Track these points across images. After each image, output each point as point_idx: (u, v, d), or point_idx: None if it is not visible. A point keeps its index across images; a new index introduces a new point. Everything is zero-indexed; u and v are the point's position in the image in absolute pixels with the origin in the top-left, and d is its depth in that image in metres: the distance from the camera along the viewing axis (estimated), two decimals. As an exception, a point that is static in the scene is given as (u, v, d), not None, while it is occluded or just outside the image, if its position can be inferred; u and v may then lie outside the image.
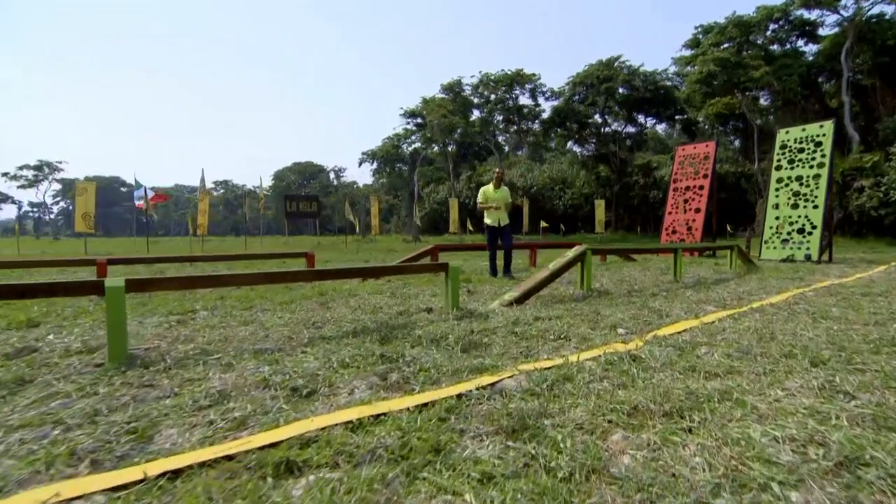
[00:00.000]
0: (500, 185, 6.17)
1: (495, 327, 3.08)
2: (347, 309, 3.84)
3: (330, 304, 4.15)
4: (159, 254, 11.43)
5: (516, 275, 6.52)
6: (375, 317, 3.46)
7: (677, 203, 12.20)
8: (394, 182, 57.21)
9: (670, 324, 3.19)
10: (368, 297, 4.53)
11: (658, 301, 4.18)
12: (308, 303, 4.17)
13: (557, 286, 5.23)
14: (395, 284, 5.54)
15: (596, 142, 34.80)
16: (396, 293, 4.76)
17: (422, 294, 4.77)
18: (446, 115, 29.48)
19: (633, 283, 5.65)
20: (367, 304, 4.03)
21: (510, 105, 31.88)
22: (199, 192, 15.87)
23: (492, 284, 5.51)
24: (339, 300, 4.33)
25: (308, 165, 78.80)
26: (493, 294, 4.77)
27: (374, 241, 24.57)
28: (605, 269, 7.57)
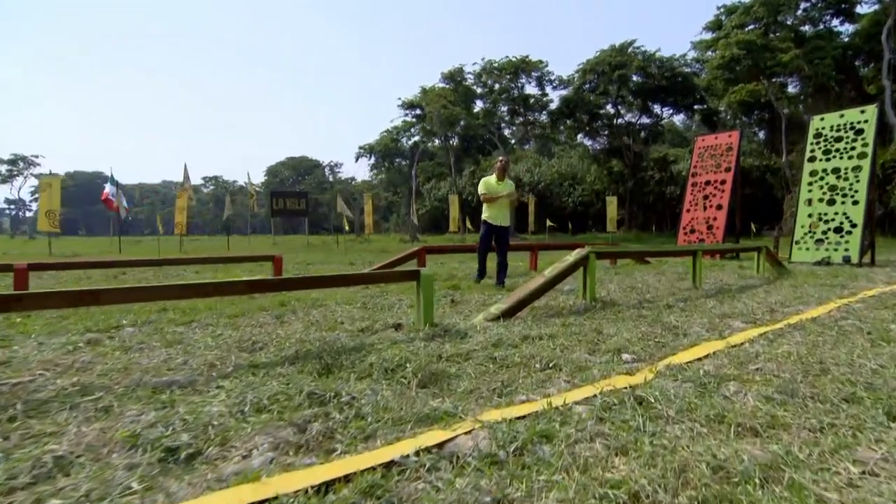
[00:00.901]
0: (503, 177, 5.72)
1: (471, 350, 2.63)
2: (303, 324, 3.41)
3: (287, 317, 3.73)
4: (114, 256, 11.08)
5: (511, 282, 6.07)
6: (331, 335, 3.03)
7: (696, 199, 11.69)
8: (393, 178, 56.92)
9: (688, 347, 2.73)
10: (335, 308, 4.10)
11: (674, 314, 3.72)
12: (261, 316, 3.74)
13: (556, 295, 4.77)
14: (372, 292, 5.11)
15: (608, 134, 34.25)
16: (369, 304, 4.34)
17: (399, 305, 4.35)
18: (447, 106, 29.05)
19: (645, 291, 5.18)
20: (328, 319, 3.60)
21: (515, 95, 31.39)
22: (179, 189, 15.50)
23: (481, 293, 5.07)
24: (299, 313, 3.91)
25: (303, 160, 78.71)
26: (480, 304, 4.34)
27: (368, 241, 24.19)
28: (613, 274, 7.11)
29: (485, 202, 5.69)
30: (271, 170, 78.94)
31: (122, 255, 12.38)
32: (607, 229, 23.04)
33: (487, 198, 5.62)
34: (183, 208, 14.80)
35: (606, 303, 4.26)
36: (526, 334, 3.02)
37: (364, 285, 5.68)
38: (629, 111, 33.94)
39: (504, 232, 5.68)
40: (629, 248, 5.29)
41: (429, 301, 3.23)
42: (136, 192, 61.57)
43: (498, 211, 5.62)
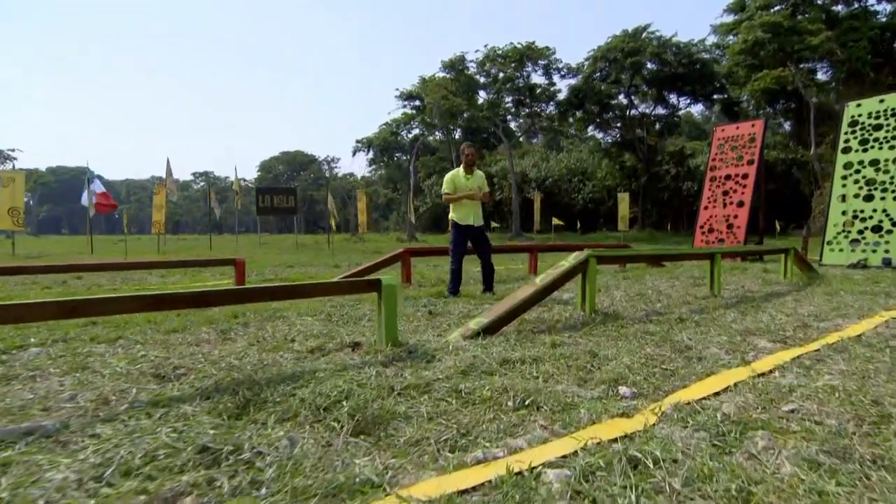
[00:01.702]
0: (472, 170, 5.29)
1: (433, 380, 2.25)
2: (247, 342, 3.04)
3: (234, 332, 3.36)
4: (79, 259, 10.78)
5: (506, 287, 5.67)
6: (271, 358, 2.65)
7: (715, 196, 11.24)
8: (392, 174, 56.62)
9: (703, 376, 2.33)
10: (295, 320, 3.74)
11: (687, 330, 3.31)
12: (204, 331, 3.38)
13: (551, 305, 4.38)
14: (342, 301, 4.74)
15: (620, 126, 33.76)
16: (335, 315, 3.97)
17: (368, 316, 3.99)
18: (447, 97, 28.66)
19: (655, 300, 4.78)
20: (278, 335, 3.23)
21: (520, 84, 30.96)
22: (157, 185, 15.20)
23: (466, 302, 4.69)
24: (250, 327, 3.54)
25: (297, 155, 78.56)
26: (462, 316, 3.96)
27: (362, 241, 23.87)
28: (621, 279, 6.70)
29: (447, 201, 5.24)
30: (265, 165, 78.85)
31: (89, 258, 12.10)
32: (618, 228, 22.58)
33: (449, 198, 5.16)
34: (161, 206, 14.49)
35: (608, 315, 3.86)
36: (506, 357, 2.63)
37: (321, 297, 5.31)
38: (643, 101, 33.43)
39: (479, 233, 5.25)
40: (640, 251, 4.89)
41: (391, 316, 2.84)
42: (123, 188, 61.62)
43: (469, 209, 5.16)
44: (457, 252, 5.21)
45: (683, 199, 30.59)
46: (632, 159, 33.72)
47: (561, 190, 36.19)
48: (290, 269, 9.18)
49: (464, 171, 5.24)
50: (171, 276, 7.13)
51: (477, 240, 5.27)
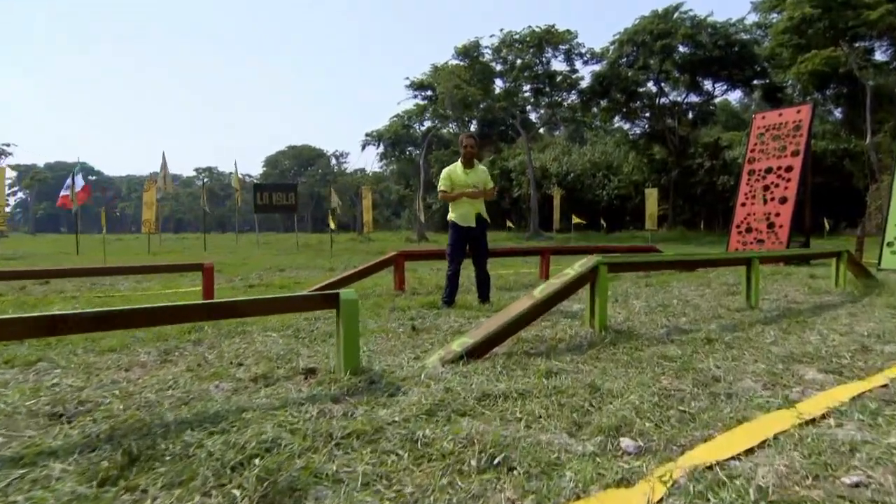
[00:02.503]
0: (472, 164, 4.92)
1: (387, 424, 1.90)
2: (185, 366, 2.74)
3: (177, 352, 3.07)
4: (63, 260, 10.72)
5: (511, 295, 5.29)
6: (201, 389, 2.33)
7: (754, 191, 10.63)
8: (404, 169, 56.54)
9: (732, 423, 1.92)
10: (255, 337, 3.44)
11: (715, 355, 2.90)
12: (145, 351, 3.09)
13: (556, 320, 3.99)
14: (318, 313, 4.42)
15: (649, 116, 32.92)
16: (303, 331, 3.66)
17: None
18: (460, 86, 28.29)
19: (679, 313, 4.35)
20: (226, 357, 2.92)
21: (540, 72, 30.37)
22: (147, 181, 15.19)
23: (459, 315, 4.33)
24: (201, 345, 3.25)
25: (304, 149, 79.13)
26: (451, 332, 3.61)
27: (368, 241, 23.67)
28: (643, 286, 6.25)
29: (444, 199, 4.89)
30: (270, 160, 79.61)
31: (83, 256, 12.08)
32: (646, 226, 21.90)
33: (447, 196, 4.80)
34: (152, 203, 14.46)
35: (621, 333, 3.46)
36: (486, 390, 2.26)
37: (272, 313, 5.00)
38: (674, 89, 32.50)
39: (479, 235, 4.87)
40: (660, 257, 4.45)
41: (351, 338, 2.50)
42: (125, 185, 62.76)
43: (470, 208, 4.80)
44: (455, 256, 4.85)
45: (718, 195, 29.62)
46: (661, 152, 32.84)
47: (584, 186, 35.51)
48: (281, 272, 8.95)
49: (462, 165, 4.87)
50: (148, 281, 6.94)
51: (476, 243, 4.90)
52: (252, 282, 7.15)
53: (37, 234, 44.14)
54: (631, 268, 3.92)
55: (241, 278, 7.64)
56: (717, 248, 15.17)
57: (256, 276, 7.91)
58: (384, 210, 69.03)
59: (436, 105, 33.46)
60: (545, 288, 3.29)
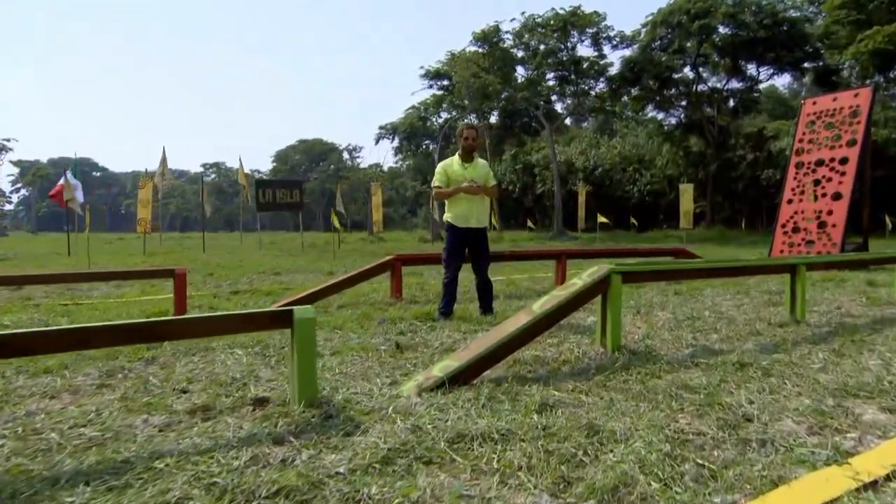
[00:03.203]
0: (471, 158, 4.65)
1: (328, 476, 1.65)
2: (121, 393, 2.54)
3: (122, 373, 2.88)
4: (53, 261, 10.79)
5: (519, 305, 4.99)
6: (122, 426, 2.12)
7: (802, 186, 10.07)
8: (421, 163, 56.50)
9: (766, 487, 1.60)
10: (217, 355, 3.24)
11: (748, 386, 2.57)
12: (85, 373, 2.90)
13: (564, 336, 3.69)
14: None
15: (685, 105, 32.06)
16: (272, 347, 3.45)
17: (329, 343, 3.45)
18: (478, 74, 27.96)
19: (709, 328, 4.00)
20: (172, 380, 2.72)
21: (564, 58, 29.84)
22: (142, 178, 15.30)
23: (454, 328, 4.07)
24: (152, 365, 3.06)
25: (316, 143, 79.77)
26: (440, 351, 3.36)
27: (379, 241, 23.56)
28: (672, 293, 5.90)
29: (439, 198, 4.63)
30: (280, 155, 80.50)
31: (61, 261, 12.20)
32: (680, 225, 21.26)
33: (441, 193, 4.55)
34: (148, 201, 14.55)
35: (637, 354, 3.14)
36: (462, 430, 1.99)
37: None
38: (713, 74, 31.56)
39: (479, 237, 4.60)
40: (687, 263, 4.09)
41: (306, 364, 2.25)
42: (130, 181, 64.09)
43: (468, 207, 4.53)
44: (451, 261, 4.58)
45: (762, 191, 28.64)
46: (699, 144, 31.95)
47: (613, 181, 34.83)
48: (276, 276, 8.81)
49: (461, 159, 4.61)
50: (130, 286, 6.85)
51: (476, 246, 4.63)
52: (239, 287, 7.00)
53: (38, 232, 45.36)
54: (650, 277, 3.59)
55: (230, 283, 7.51)
56: (759, 249, 14.55)
57: (247, 281, 7.78)
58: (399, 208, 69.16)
59: (452, 95, 33.19)
60: (547, 301, 3.00)
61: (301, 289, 6.20)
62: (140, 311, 4.67)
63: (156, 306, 4.71)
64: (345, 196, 74.23)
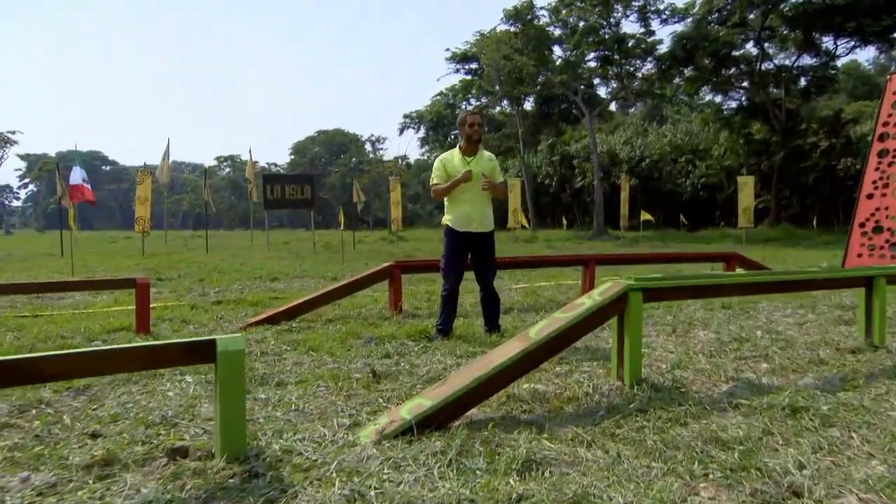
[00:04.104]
0: (475, 151, 4.35)
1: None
2: (23, 434, 2.35)
3: (37, 408, 2.70)
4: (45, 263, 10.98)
5: (530, 320, 4.66)
6: (3, 484, 1.90)
7: (886, 178, 9.33)
8: (449, 155, 56.40)
9: None
10: (160, 384, 3.04)
11: (800, 438, 2.19)
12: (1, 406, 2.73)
13: (576, 363, 3.35)
14: (275, 333, 4.00)
15: (747, 86, 30.79)
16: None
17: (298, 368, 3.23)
18: (509, 56, 27.52)
19: (759, 354, 3.60)
20: (86, 420, 2.51)
21: (607, 36, 29.06)
22: (140, 172, 15.53)
23: (450, 351, 3.78)
24: (80, 397, 2.88)
25: (336, 134, 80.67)
26: (424, 380, 3.09)
27: (399, 240, 23.44)
28: (719, 306, 5.46)
29: (436, 197, 4.36)
30: (298, 147, 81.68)
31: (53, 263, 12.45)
32: (739, 224, 20.37)
33: (439, 189, 4.26)
34: (146, 198, 14.75)
35: (662, 390, 2.79)
36: (413, 500, 1.70)
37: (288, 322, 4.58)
38: (781, 50, 30.15)
39: (483, 243, 4.32)
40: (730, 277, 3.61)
41: (232, 410, 2.00)
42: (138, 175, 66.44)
43: (470, 207, 4.24)
44: (451, 270, 4.29)
45: (838, 184, 27.20)
46: (763, 130, 30.63)
47: (662, 173, 33.82)
48: (273, 282, 8.71)
49: (463, 152, 4.32)
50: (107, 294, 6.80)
51: (480, 253, 4.33)
52: (227, 295, 6.88)
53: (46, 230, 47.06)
54: (678, 295, 3.20)
55: (219, 290, 7.41)
56: (832, 252, 13.71)
57: (238, 288, 7.67)
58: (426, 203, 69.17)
59: (481, 80, 32.85)
60: (545, 326, 2.67)
61: (294, 298, 6.02)
62: (101, 325, 4.55)
63: (118, 320, 4.59)
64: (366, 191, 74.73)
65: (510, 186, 19.92)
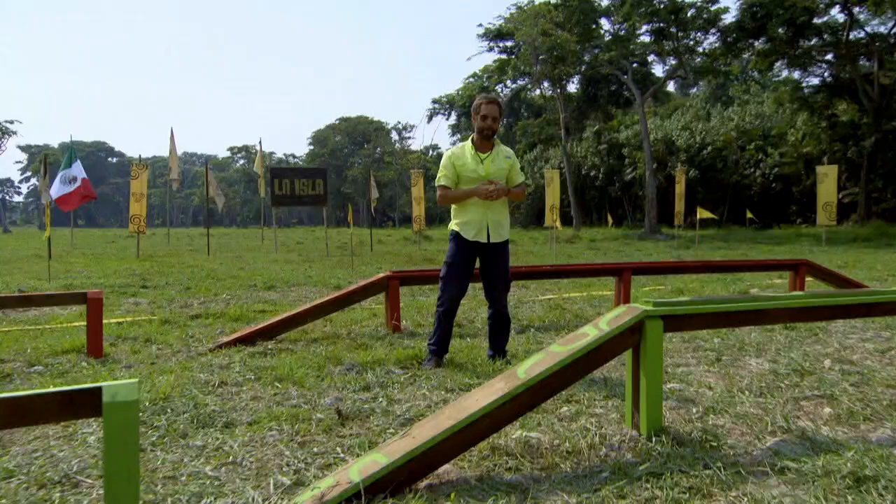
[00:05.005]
0: (490, 147, 4.09)
1: None
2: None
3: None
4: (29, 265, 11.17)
5: (554, 338, 4.37)
6: None
7: None
8: (483, 144, 56.12)
9: None
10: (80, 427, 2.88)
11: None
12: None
13: (587, 401, 3.06)
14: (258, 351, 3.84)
15: (833, 58, 29.48)
16: (172, 410, 3.06)
17: (255, 404, 3.05)
18: (549, 32, 27.07)
19: (821, 394, 3.23)
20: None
21: (661, 5, 28.25)
22: (135, 165, 15.76)
23: (440, 382, 3.53)
24: None
25: (360, 122, 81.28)
26: (396, 422, 2.87)
27: (423, 240, 23.29)
28: (780, 326, 5.03)
29: (442, 203, 4.14)
30: (318, 136, 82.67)
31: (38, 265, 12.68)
32: (818, 221, 19.47)
33: (448, 196, 4.04)
34: (142, 194, 14.96)
35: (686, 443, 2.48)
36: None
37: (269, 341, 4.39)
38: (874, 15, 28.68)
39: (496, 254, 4.07)
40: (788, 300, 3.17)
41: (124, 471, 1.79)
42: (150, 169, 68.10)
43: (482, 214, 4.00)
44: (451, 282, 4.06)
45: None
46: (849, 111, 29.28)
47: (727, 163, 32.75)
48: (268, 290, 8.64)
49: (475, 147, 4.07)
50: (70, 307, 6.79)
51: (491, 266, 4.08)
52: (210, 307, 6.80)
53: (49, 229, 48.66)
54: (709, 322, 2.86)
55: (203, 301, 7.35)
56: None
57: (226, 299, 7.60)
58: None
59: (518, 59, 32.43)
60: (540, 362, 2.40)
61: (282, 311, 5.89)
62: (52, 345, 4.47)
63: (74, 339, 4.50)
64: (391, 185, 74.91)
65: (548, 180, 19.47)
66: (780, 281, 8.78)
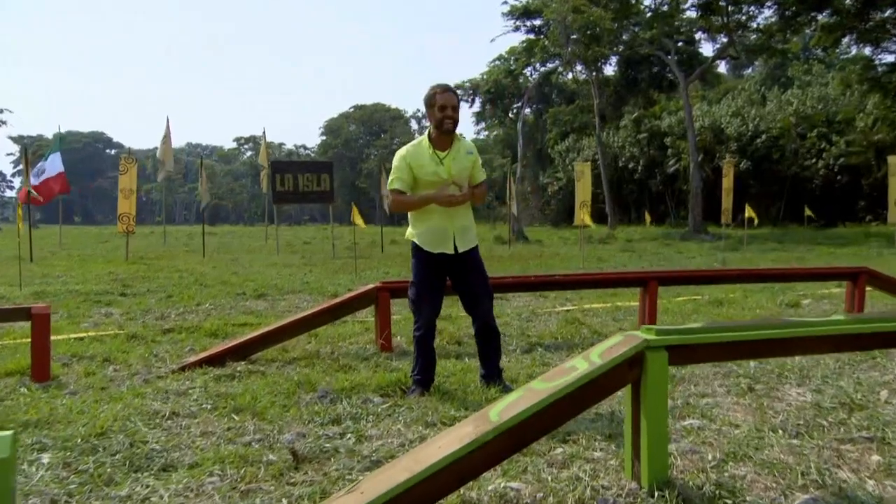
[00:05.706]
0: (449, 144, 3.90)
1: None
2: None
3: None
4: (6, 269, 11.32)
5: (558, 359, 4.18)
6: None
7: None
8: (511, 134, 55.77)
9: None
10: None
11: None
12: None
13: (584, 443, 2.86)
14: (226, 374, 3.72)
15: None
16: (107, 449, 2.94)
17: (203, 441, 2.93)
18: (581, 8, 26.69)
19: (869, 436, 2.98)
20: None
21: (710, -24, 27.71)
22: (123, 158, 15.86)
23: (420, 416, 3.37)
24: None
25: (376, 110, 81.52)
26: (362, 466, 2.72)
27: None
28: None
29: (396, 209, 4.13)
30: (331, 125, 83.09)
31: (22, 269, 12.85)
32: (890, 219, 18.84)
33: (402, 202, 3.91)
34: (132, 191, 15.03)
35: (693, 500, 2.26)
36: None
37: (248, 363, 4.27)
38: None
39: (465, 263, 3.92)
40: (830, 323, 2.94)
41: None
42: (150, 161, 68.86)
43: (446, 221, 3.85)
44: (423, 302, 3.92)
45: None
46: (926, 93, 28.43)
47: (785, 153, 31.96)
48: (259, 299, 8.58)
49: (433, 144, 3.88)
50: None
51: (462, 277, 3.94)
52: (187, 319, 6.75)
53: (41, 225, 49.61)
54: (724, 353, 2.64)
55: (181, 311, 7.30)
56: None
57: (207, 309, 7.54)
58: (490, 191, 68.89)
59: (547, 40, 32.09)
60: (516, 402, 2.21)
61: (267, 324, 5.77)
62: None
63: (17, 361, 4.42)
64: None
65: (578, 173, 19.11)
66: (837, 290, 8.41)
